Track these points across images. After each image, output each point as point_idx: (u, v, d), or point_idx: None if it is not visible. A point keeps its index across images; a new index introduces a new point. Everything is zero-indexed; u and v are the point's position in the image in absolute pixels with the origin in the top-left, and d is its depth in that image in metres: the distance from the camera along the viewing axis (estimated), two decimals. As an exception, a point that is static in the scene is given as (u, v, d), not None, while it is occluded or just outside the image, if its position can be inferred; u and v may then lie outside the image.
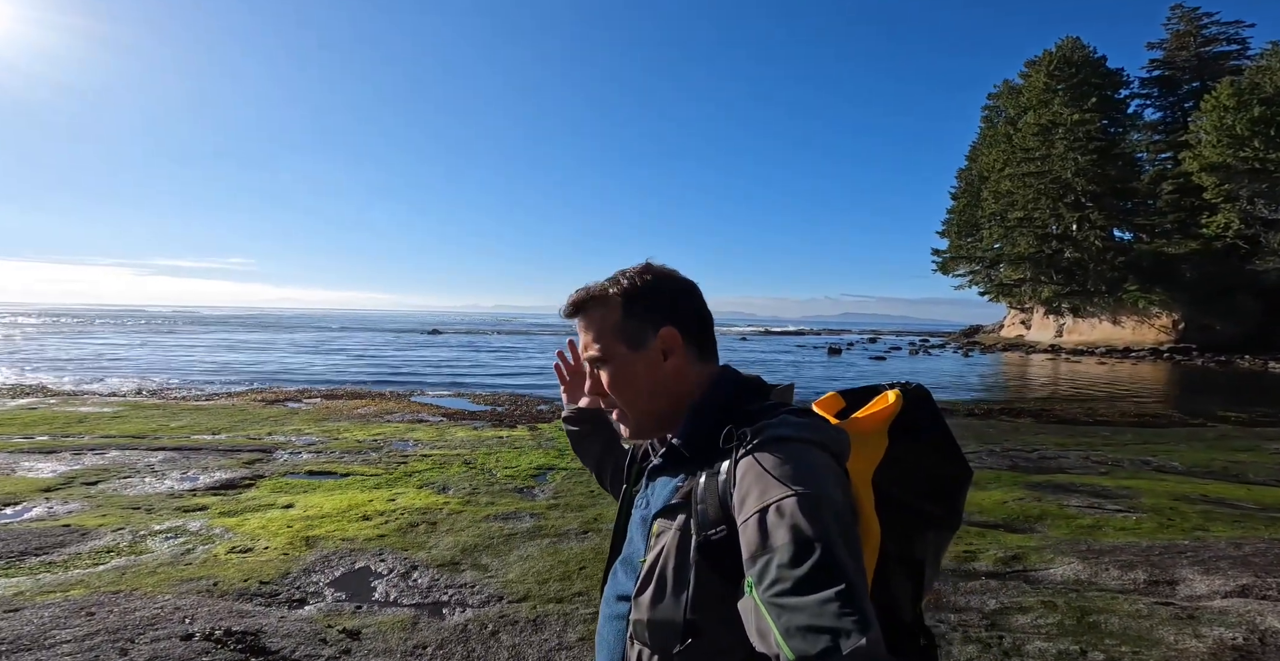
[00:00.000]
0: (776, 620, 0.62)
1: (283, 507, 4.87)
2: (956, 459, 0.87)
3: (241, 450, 6.93)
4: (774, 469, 0.71)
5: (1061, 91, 38.35)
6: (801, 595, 0.62)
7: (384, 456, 6.96)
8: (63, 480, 5.27)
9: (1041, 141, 37.50)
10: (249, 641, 2.66)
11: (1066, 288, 37.87)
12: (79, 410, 9.35)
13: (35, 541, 3.76)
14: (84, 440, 7.09)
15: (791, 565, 0.64)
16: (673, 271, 0.94)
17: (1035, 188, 37.52)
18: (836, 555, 0.64)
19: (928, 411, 0.88)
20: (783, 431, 0.75)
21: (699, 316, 0.93)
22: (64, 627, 2.68)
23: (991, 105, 50.15)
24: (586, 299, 0.93)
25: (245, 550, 3.86)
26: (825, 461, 0.75)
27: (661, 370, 0.89)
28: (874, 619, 0.61)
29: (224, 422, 8.83)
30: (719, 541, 0.73)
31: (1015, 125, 42.29)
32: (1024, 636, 2.86)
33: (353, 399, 12.67)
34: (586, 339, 0.93)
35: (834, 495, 0.71)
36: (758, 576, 0.66)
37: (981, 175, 45.87)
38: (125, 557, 3.61)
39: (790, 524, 0.66)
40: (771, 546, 0.66)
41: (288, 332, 45.71)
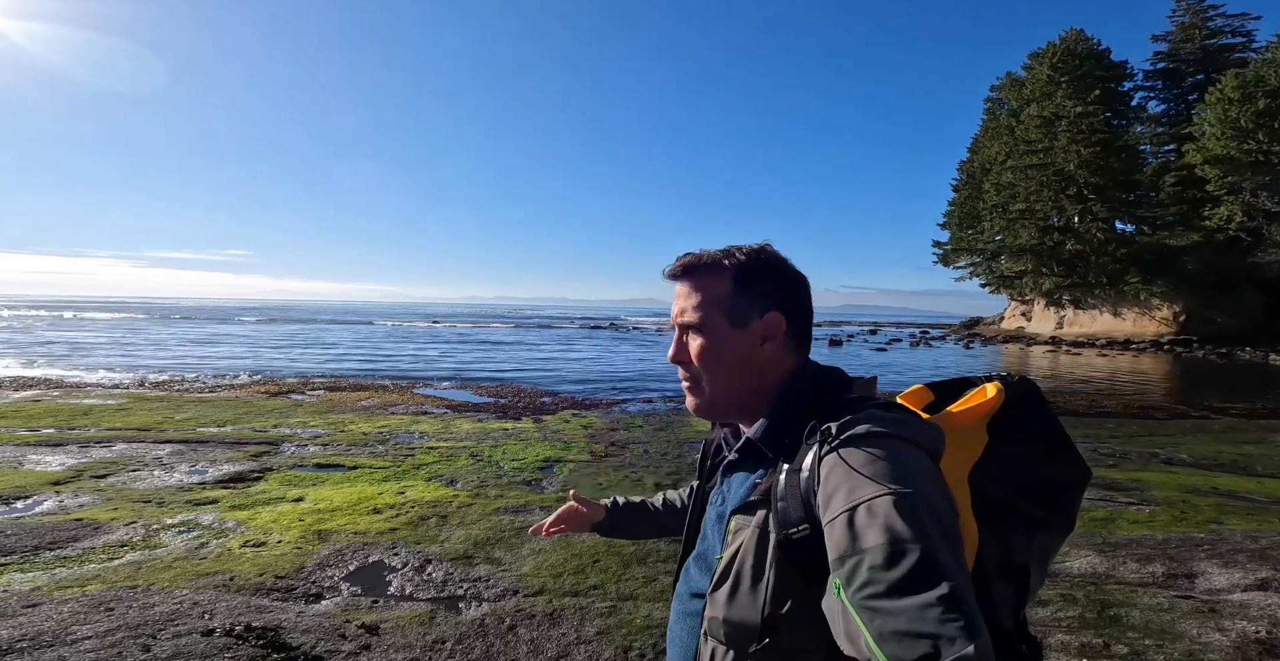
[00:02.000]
0: (869, 624, 0.59)
1: (293, 501, 4.86)
2: (1070, 459, 0.81)
3: (248, 443, 6.92)
4: (862, 466, 0.68)
5: (1065, 84, 38.12)
6: (897, 598, 0.58)
7: (391, 449, 6.95)
8: (71, 473, 5.25)
9: (1044, 134, 37.32)
10: (270, 637, 2.65)
11: (1068, 279, 37.79)
12: (83, 403, 9.31)
13: (49, 535, 3.74)
14: (90, 432, 7.07)
15: (885, 567, 0.60)
16: (787, 259, 0.91)
17: (1037, 180, 37.38)
18: (937, 556, 0.60)
19: (1034, 407, 0.82)
20: (871, 426, 0.71)
21: (804, 310, 0.90)
22: (84, 623, 2.67)
23: (994, 97, 49.86)
24: (698, 264, 0.89)
25: (259, 544, 3.84)
26: (919, 458, 0.71)
27: (755, 354, 0.86)
28: (982, 624, 0.57)
29: (228, 415, 8.81)
30: (800, 540, 0.70)
31: (1018, 117, 42.08)
32: (1045, 629, 2.86)
33: (356, 390, 12.64)
34: (686, 304, 0.88)
35: (931, 494, 0.67)
36: (847, 578, 0.62)
37: (983, 167, 45.71)
38: (140, 552, 3.60)
39: (884, 524, 0.62)
40: (862, 547, 0.62)
41: (287, 324, 45.63)
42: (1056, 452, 0.81)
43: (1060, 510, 0.81)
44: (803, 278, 0.91)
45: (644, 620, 2.97)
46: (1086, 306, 38.54)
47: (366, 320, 56.65)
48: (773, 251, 0.90)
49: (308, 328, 41.37)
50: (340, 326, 43.38)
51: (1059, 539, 0.83)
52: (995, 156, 42.99)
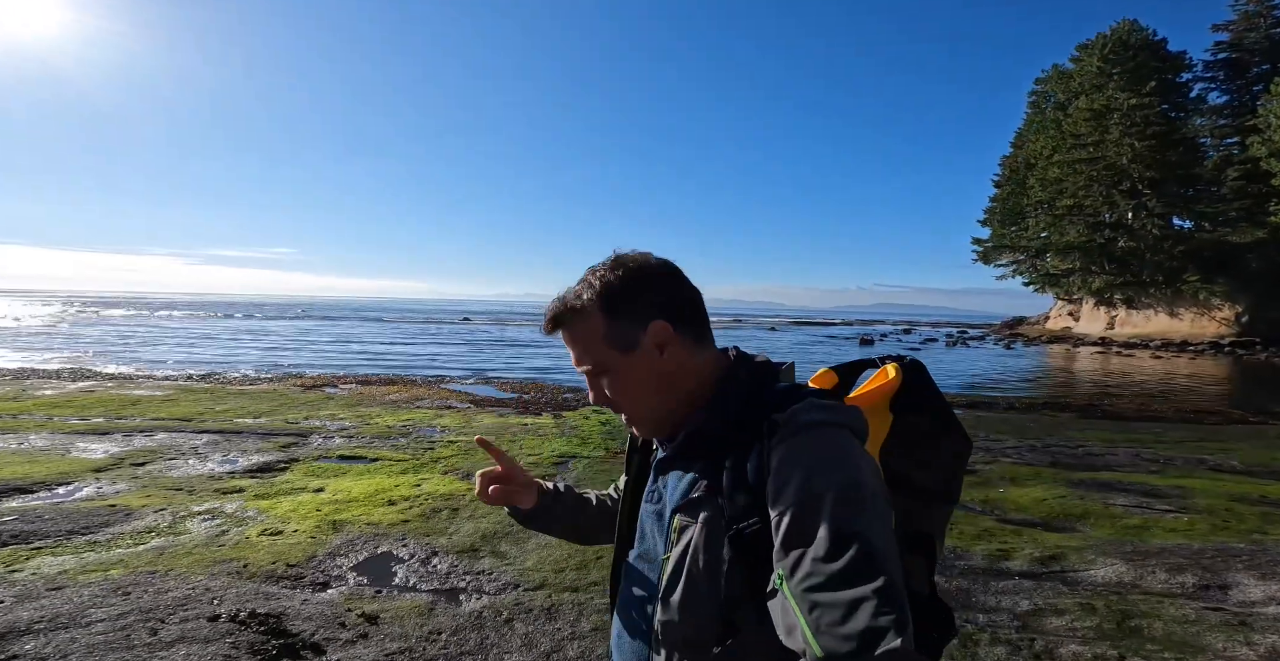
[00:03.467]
0: (807, 615, 0.60)
1: (313, 491, 5.00)
2: (957, 432, 0.85)
3: (279, 434, 7.16)
4: (811, 457, 0.69)
5: (1117, 75, 36.51)
6: (835, 590, 0.59)
7: (412, 442, 7.10)
8: (113, 461, 5.53)
9: (1095, 127, 35.75)
10: (271, 624, 2.73)
11: (1120, 278, 36.14)
12: (133, 393, 9.80)
13: (83, 520, 3.94)
14: (135, 422, 7.43)
15: (827, 559, 0.61)
16: (645, 257, 0.88)
17: (1087, 174, 35.83)
18: (876, 549, 0.62)
19: (926, 384, 0.85)
20: (814, 416, 0.73)
21: (687, 301, 0.87)
22: (99, 606, 2.79)
23: (1039, 90, 48.08)
24: (563, 312, 0.87)
25: (275, 532, 3.97)
26: (857, 446, 0.73)
27: (661, 365, 0.84)
28: (909, 617, 0.58)
29: (264, 407, 9.14)
30: (752, 534, 0.70)
31: (1065, 110, 40.53)
32: (1057, 639, 2.73)
33: (386, 385, 12.96)
34: (575, 352, 0.88)
35: (871, 481, 0.69)
36: (789, 569, 0.63)
37: (1028, 162, 44.12)
38: (164, 538, 3.75)
39: (829, 515, 0.64)
40: (809, 538, 0.63)
41: (326, 320, 47.14)
42: (947, 426, 0.84)
43: (955, 481, 0.86)
44: (667, 269, 0.88)
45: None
46: (1140, 306, 36.79)
47: (401, 316, 58.10)
48: (627, 258, 0.87)
49: (345, 324, 42.65)
50: (376, 323, 44.53)
51: (951, 510, 0.88)
52: (1040, 151, 41.42)
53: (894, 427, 0.82)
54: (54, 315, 42.72)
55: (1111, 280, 36.51)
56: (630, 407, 0.87)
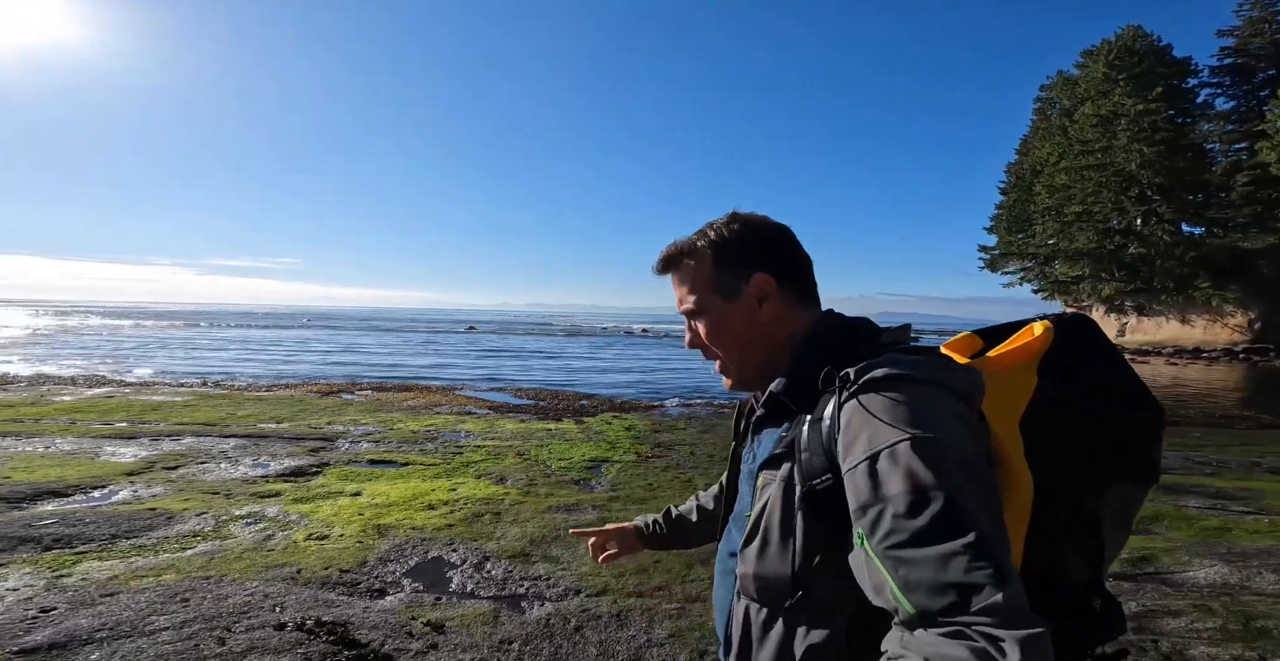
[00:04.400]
0: (893, 573, 0.58)
1: (351, 495, 4.89)
2: (1137, 399, 0.75)
3: (305, 438, 7.06)
4: (882, 411, 0.65)
5: (1123, 82, 36.50)
6: (921, 547, 0.57)
7: (439, 446, 7.00)
8: (144, 464, 5.42)
9: (1102, 133, 35.72)
10: (339, 632, 2.62)
11: (1130, 285, 35.93)
12: (152, 399, 9.70)
13: (125, 524, 3.83)
14: (160, 427, 7.33)
15: (908, 514, 0.58)
16: (762, 217, 0.90)
17: (1095, 181, 35.74)
18: (961, 503, 0.58)
19: (1090, 343, 0.76)
20: (889, 369, 0.68)
21: (795, 261, 0.89)
22: (161, 613, 2.69)
23: (1044, 97, 48.14)
24: (676, 253, 0.91)
25: (322, 537, 3.86)
26: (945, 401, 0.67)
27: (758, 318, 0.86)
28: (1012, 573, 0.55)
29: (285, 412, 9.04)
30: (824, 491, 0.68)
31: (1071, 117, 40.49)
32: (1182, 640, 2.63)
33: (401, 391, 12.86)
34: (680, 293, 0.91)
35: (956, 439, 0.64)
36: (869, 527, 0.61)
37: (1034, 169, 44.08)
38: (211, 542, 3.65)
39: (905, 470, 0.60)
40: (884, 495, 0.61)
41: (331, 330, 47.13)
42: (1120, 393, 0.75)
43: (1133, 457, 0.74)
44: (781, 229, 0.90)
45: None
46: (1151, 313, 36.55)
47: (405, 326, 58.04)
48: (744, 216, 0.90)
49: (352, 333, 42.63)
50: (381, 332, 44.45)
51: (1139, 491, 0.77)
52: (1047, 157, 41.37)
53: (1040, 392, 0.73)
54: (63, 325, 42.79)
55: (1122, 287, 36.31)
56: (724, 355, 0.89)
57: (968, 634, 0.52)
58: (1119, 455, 0.73)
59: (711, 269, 0.87)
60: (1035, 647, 0.51)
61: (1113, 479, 0.73)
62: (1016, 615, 0.52)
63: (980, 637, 0.52)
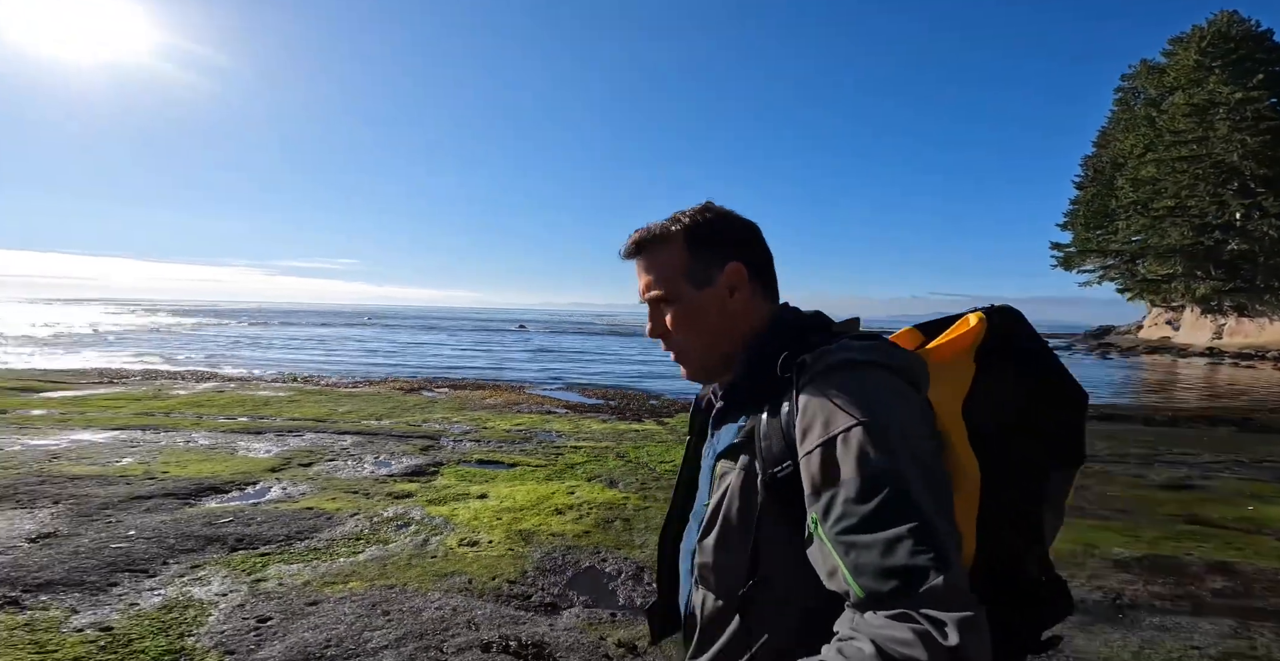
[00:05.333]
0: (844, 557, 0.60)
1: (478, 497, 4.93)
2: (1062, 383, 0.77)
3: (411, 436, 7.22)
4: (838, 396, 0.66)
5: (1218, 69, 34.04)
6: (871, 532, 0.59)
7: (537, 447, 7.03)
8: (280, 461, 5.60)
9: (1197, 123, 33.33)
10: (543, 653, 2.57)
11: (1229, 284, 33.39)
12: (259, 394, 10.16)
13: (293, 524, 3.92)
14: (277, 422, 7.63)
15: (859, 500, 0.60)
16: (731, 211, 0.90)
17: (1190, 173, 33.38)
18: (909, 488, 0.60)
19: (1020, 333, 0.79)
20: (845, 355, 0.70)
21: (763, 255, 0.89)
22: (370, 628, 2.69)
23: (1127, 86, 45.35)
24: (648, 238, 0.88)
25: (472, 543, 3.87)
26: (893, 383, 0.69)
27: (728, 307, 0.85)
28: (954, 558, 0.57)
29: (380, 409, 9.30)
30: (785, 478, 0.69)
31: (1159, 106, 38.04)
32: None
33: (477, 390, 13.08)
34: (648, 279, 0.88)
35: (908, 422, 0.66)
36: (823, 512, 0.63)
37: (1115, 162, 41.60)
38: (374, 546, 3.68)
39: (857, 455, 0.62)
40: (837, 480, 0.63)
41: (391, 328, 48.79)
42: (1046, 378, 0.78)
43: (1067, 439, 0.78)
44: (751, 225, 0.90)
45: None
46: (1253, 313, 33.89)
47: (458, 325, 59.44)
48: (716, 207, 0.89)
49: (412, 331, 43.99)
50: (438, 331, 45.44)
51: (1070, 473, 0.80)
52: (1130, 149, 38.96)
53: (978, 381, 0.76)
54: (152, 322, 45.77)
55: (1219, 286, 33.77)
56: (687, 343, 0.87)
57: (913, 617, 0.54)
58: (1052, 440, 0.76)
59: (685, 255, 0.86)
60: (973, 628, 0.54)
61: (1050, 463, 0.76)
62: (957, 598, 0.55)
63: (924, 620, 0.54)
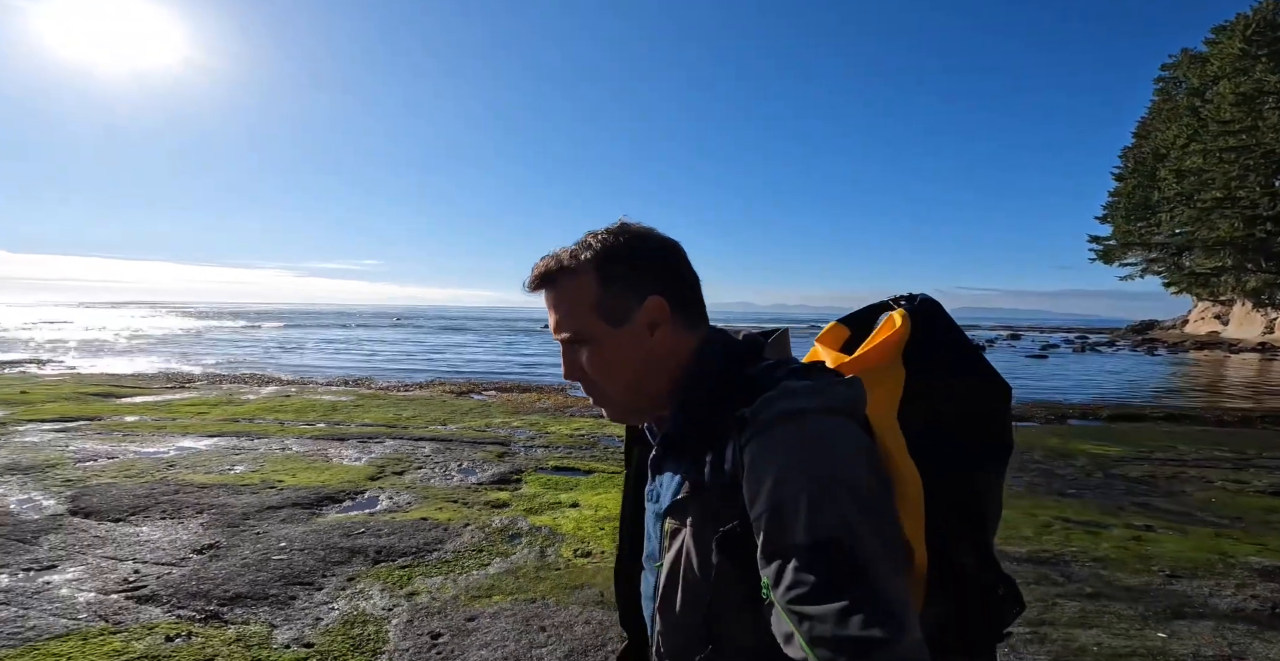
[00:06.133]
0: (799, 626, 0.58)
1: (570, 506, 5.01)
2: (985, 376, 0.76)
3: (483, 443, 7.34)
4: (781, 456, 0.63)
5: (1265, 57, 32.97)
6: (822, 602, 0.57)
7: (604, 452, 7.10)
8: (375, 469, 5.74)
9: (1245, 112, 32.28)
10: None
11: (1281, 276, 32.34)
12: (323, 399, 10.42)
13: (417, 536, 4.01)
14: (351, 428, 7.82)
15: (807, 568, 0.58)
16: (650, 230, 0.81)
17: (1240, 164, 32.34)
18: (860, 553, 0.58)
19: (940, 327, 0.77)
20: (787, 404, 0.65)
21: (687, 280, 0.81)
22: (535, 645, 2.74)
23: (1168, 77, 44.11)
24: (555, 269, 0.79)
25: (586, 554, 3.95)
26: (841, 430, 0.65)
27: (649, 345, 0.78)
28: (910, 622, 0.56)
29: (441, 414, 9.47)
30: (736, 537, 0.66)
31: (1203, 96, 36.94)
32: None
33: (524, 392, 13.21)
34: (558, 316, 0.80)
35: (854, 473, 0.63)
36: (774, 578, 0.61)
37: (1156, 153, 40.48)
38: (498, 558, 3.76)
39: (805, 519, 0.60)
40: (787, 546, 0.60)
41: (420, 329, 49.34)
42: (971, 373, 0.76)
43: (996, 434, 0.76)
44: (673, 246, 0.81)
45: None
46: (1308, 308, 32.75)
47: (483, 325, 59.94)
48: (634, 227, 0.81)
49: (440, 333, 44.50)
50: (466, 332, 45.79)
51: (1002, 467, 0.78)
52: (1174, 140, 37.89)
53: (909, 385, 0.74)
54: (195, 325, 47.03)
55: (1271, 279, 32.69)
56: (605, 387, 0.80)
57: None
58: (979, 434, 0.74)
59: (597, 289, 0.77)
60: None
61: (980, 458, 0.74)
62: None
63: None
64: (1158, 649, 2.74)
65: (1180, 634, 2.89)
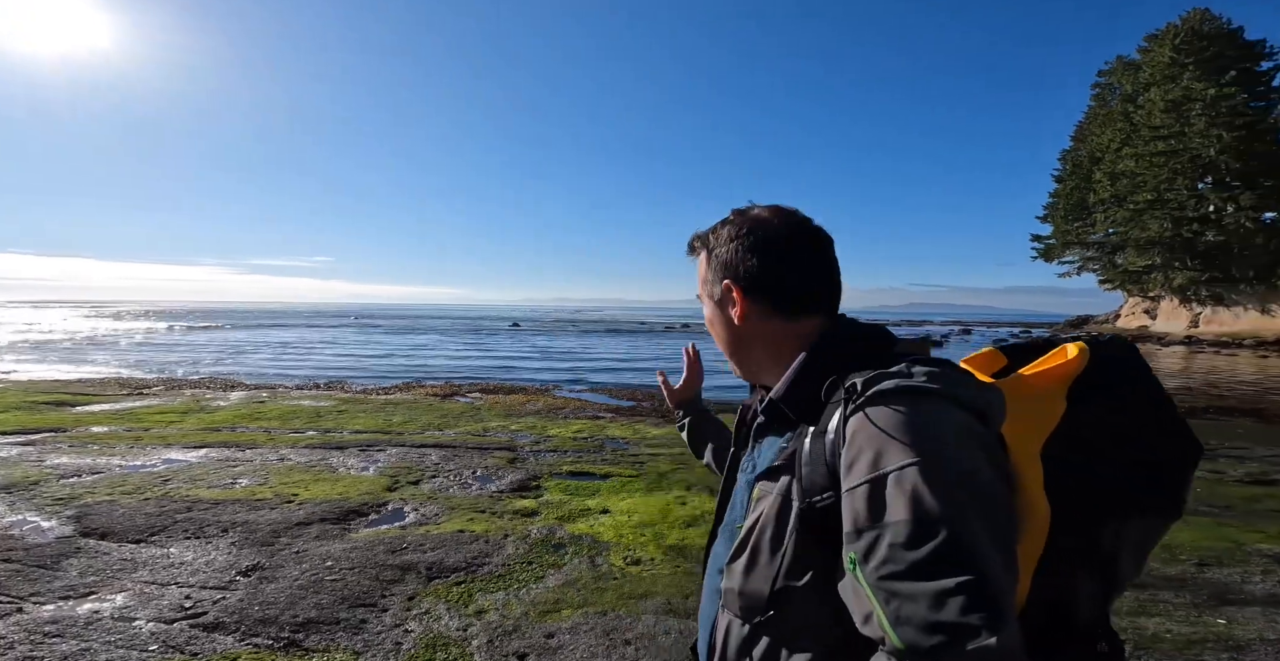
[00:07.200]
0: (885, 605, 0.55)
1: (601, 512, 4.93)
2: (1173, 430, 0.70)
3: (489, 448, 7.15)
4: (891, 428, 0.61)
5: (1192, 66, 35.23)
6: (918, 581, 0.53)
7: (614, 455, 7.04)
8: (388, 479, 5.49)
9: (1174, 118, 34.50)
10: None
11: (1206, 274, 34.78)
12: (301, 404, 9.94)
13: (461, 550, 3.87)
14: (345, 436, 7.48)
15: (908, 545, 0.55)
16: (769, 217, 0.83)
17: (1169, 167, 34.56)
18: (967, 537, 0.54)
19: (1129, 369, 0.72)
20: (903, 382, 0.63)
21: (783, 269, 0.81)
22: (627, 659, 2.68)
23: (1104, 82, 46.73)
24: (694, 241, 0.91)
25: (635, 561, 3.88)
26: (962, 420, 0.62)
27: (736, 324, 0.83)
28: (1010, 616, 0.52)
29: (432, 418, 9.19)
30: (823, 509, 0.65)
31: (1135, 102, 39.25)
32: None
33: (509, 394, 12.98)
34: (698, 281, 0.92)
35: (971, 462, 0.59)
36: (864, 553, 0.58)
37: (1092, 156, 42.85)
38: (552, 570, 3.67)
39: (910, 496, 0.56)
40: (883, 521, 0.57)
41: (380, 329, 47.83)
42: (1154, 422, 0.70)
43: (1160, 490, 0.69)
44: (773, 236, 0.82)
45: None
46: (1229, 303, 35.34)
47: (448, 324, 58.43)
48: (748, 213, 0.85)
49: (402, 333, 43.18)
50: (433, 333, 44.38)
51: (1161, 524, 0.72)
52: (1108, 144, 40.20)
53: (1068, 418, 0.69)
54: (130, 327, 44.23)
55: (1196, 276, 35.14)
56: (723, 350, 0.89)
57: None
58: (1143, 486, 0.69)
59: (705, 269, 0.88)
60: None
61: (1136, 513, 0.69)
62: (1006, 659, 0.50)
63: None
64: (1224, 634, 2.90)
65: (1236, 620, 3.05)
